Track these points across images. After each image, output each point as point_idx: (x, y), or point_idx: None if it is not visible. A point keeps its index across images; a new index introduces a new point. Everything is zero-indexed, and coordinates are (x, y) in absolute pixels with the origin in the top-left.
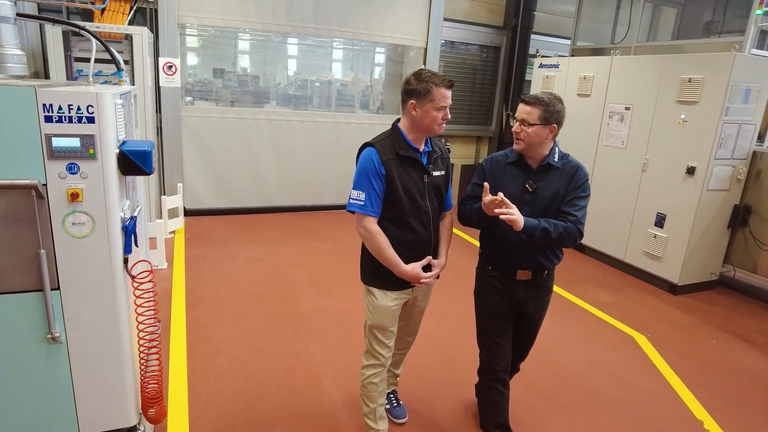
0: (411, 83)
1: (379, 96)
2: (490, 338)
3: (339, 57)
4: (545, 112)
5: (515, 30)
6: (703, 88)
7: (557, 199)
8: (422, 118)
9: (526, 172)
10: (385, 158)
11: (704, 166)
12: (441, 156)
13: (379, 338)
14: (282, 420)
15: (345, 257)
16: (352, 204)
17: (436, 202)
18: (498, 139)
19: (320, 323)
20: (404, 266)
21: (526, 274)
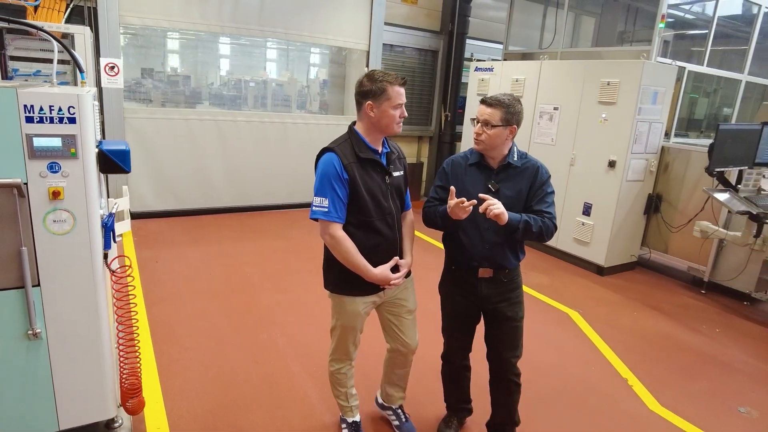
0: (364, 85)
1: (319, 97)
2: (454, 336)
3: (283, 58)
4: (506, 114)
5: (452, 35)
6: (620, 90)
7: (520, 198)
8: (380, 118)
9: (488, 172)
10: (346, 162)
11: (623, 159)
12: (398, 156)
13: (347, 338)
14: (257, 404)
15: (299, 254)
16: (315, 211)
17: (398, 202)
18: (438, 138)
19: (280, 315)
20: (373, 270)
21: (488, 272)
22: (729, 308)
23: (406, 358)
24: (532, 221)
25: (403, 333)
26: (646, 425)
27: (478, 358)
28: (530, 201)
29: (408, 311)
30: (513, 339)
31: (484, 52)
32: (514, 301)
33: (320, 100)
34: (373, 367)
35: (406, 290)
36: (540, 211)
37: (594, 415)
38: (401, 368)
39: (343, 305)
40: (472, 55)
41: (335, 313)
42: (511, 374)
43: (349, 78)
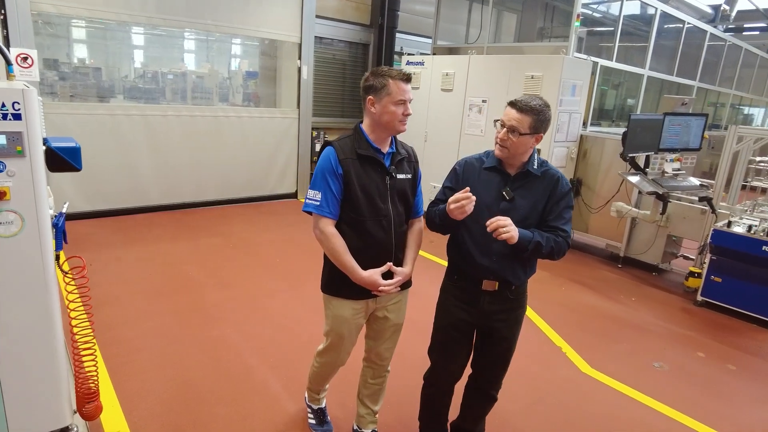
0: (368, 80)
1: (249, 89)
2: (442, 353)
3: (213, 51)
4: (536, 121)
5: (382, 28)
6: (543, 83)
7: (535, 209)
8: (381, 115)
9: (503, 178)
10: (342, 157)
11: (547, 148)
12: (408, 159)
13: (336, 345)
14: (219, 399)
15: (239, 250)
16: (307, 204)
17: (400, 207)
18: None
19: (230, 311)
20: (361, 272)
21: (492, 285)
22: (641, 279)
23: (378, 371)
24: (544, 242)
25: (380, 347)
26: (580, 386)
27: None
28: (547, 215)
29: (393, 324)
30: (506, 359)
31: (413, 46)
32: (514, 321)
33: (252, 92)
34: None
35: (398, 302)
36: (556, 227)
37: (535, 380)
38: (373, 378)
39: (330, 306)
40: (401, 49)
41: (326, 316)
42: (492, 389)
43: (281, 70)
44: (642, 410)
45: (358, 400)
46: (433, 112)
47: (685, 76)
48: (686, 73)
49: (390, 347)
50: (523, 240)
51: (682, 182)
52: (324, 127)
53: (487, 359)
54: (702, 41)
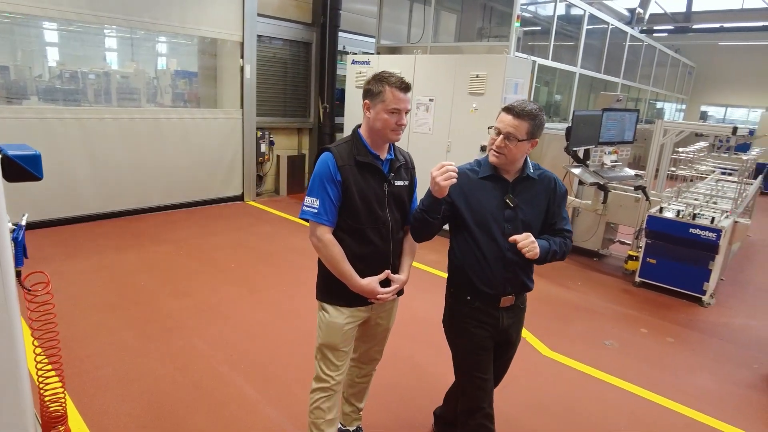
0: (369, 83)
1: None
2: (476, 376)
3: (149, 50)
4: (533, 127)
5: (324, 27)
6: (487, 82)
7: (539, 213)
8: (374, 121)
9: (503, 185)
10: (341, 163)
11: None
12: (405, 165)
13: (330, 359)
14: (195, 409)
15: (192, 257)
16: (305, 211)
17: (397, 214)
18: (318, 130)
19: (191, 320)
20: (360, 280)
21: (510, 300)
22: (585, 265)
23: (366, 371)
24: (558, 248)
25: (374, 349)
26: (542, 367)
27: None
28: (551, 218)
29: (384, 329)
30: (503, 372)
31: (357, 45)
32: (520, 325)
33: (192, 92)
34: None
35: (391, 309)
36: (562, 230)
37: None
38: (360, 377)
39: (324, 314)
40: (344, 48)
41: (318, 327)
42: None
43: (222, 70)
44: (599, 385)
45: (343, 398)
46: None
47: (611, 74)
48: (611, 70)
49: (380, 349)
50: (543, 251)
51: (620, 173)
52: (269, 126)
53: (498, 366)
54: (624, 41)
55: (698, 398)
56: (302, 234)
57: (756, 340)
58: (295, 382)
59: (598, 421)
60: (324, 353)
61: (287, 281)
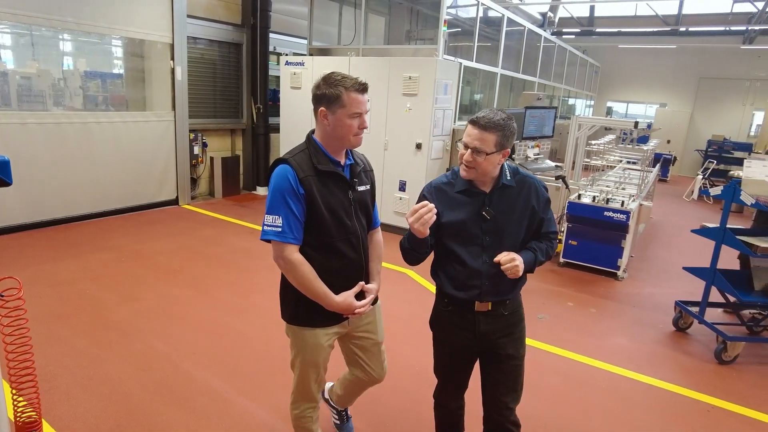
0: (320, 87)
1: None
2: (448, 376)
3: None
4: (502, 138)
5: (254, 28)
6: (420, 84)
7: (520, 223)
8: (335, 128)
9: (479, 197)
10: (302, 175)
11: (427, 141)
12: (364, 169)
13: (312, 377)
14: (167, 407)
15: (134, 263)
16: (266, 231)
17: (364, 221)
18: (252, 131)
19: (145, 323)
20: (334, 298)
21: (485, 306)
22: None
23: (368, 384)
24: (544, 255)
25: (370, 366)
26: None
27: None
28: (535, 226)
29: (375, 343)
30: (513, 380)
31: (287, 46)
32: (516, 336)
33: (118, 95)
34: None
35: (372, 320)
36: (547, 233)
37: None
38: (361, 391)
39: (302, 338)
40: (274, 49)
41: (294, 347)
42: (508, 422)
43: (150, 72)
44: (536, 353)
45: (343, 393)
46: None
47: (528, 74)
48: (528, 70)
49: (380, 367)
50: (528, 265)
51: (542, 164)
52: (201, 128)
53: (495, 382)
54: (538, 43)
55: (617, 356)
56: (245, 236)
57: (661, 306)
58: (261, 372)
59: (536, 383)
60: (301, 371)
61: (238, 281)
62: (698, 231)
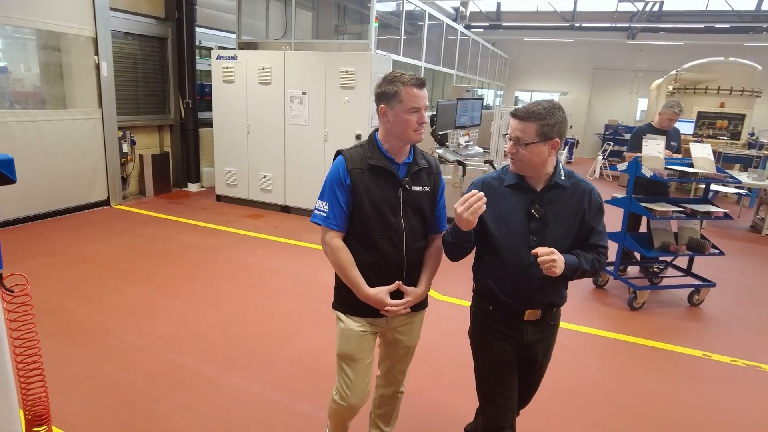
0: (380, 86)
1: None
2: (496, 392)
3: None
4: (542, 126)
5: (180, 22)
6: (356, 77)
7: (570, 226)
8: (395, 124)
9: (529, 195)
10: (351, 167)
11: (366, 132)
12: (428, 170)
13: (347, 372)
14: (159, 393)
15: (81, 265)
16: (315, 215)
17: (415, 222)
18: (180, 126)
19: (113, 321)
20: (367, 289)
21: (536, 314)
22: None
23: (391, 390)
24: (589, 265)
25: (396, 367)
26: (439, 309)
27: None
28: (585, 232)
29: (405, 347)
30: (532, 393)
31: (212, 40)
32: (550, 343)
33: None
34: None
35: (409, 324)
36: (597, 245)
37: None
38: (383, 407)
39: (339, 325)
40: (200, 43)
41: (336, 336)
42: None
43: (71, 67)
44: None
45: (371, 419)
46: (253, 104)
47: (447, 66)
48: (447, 63)
49: (402, 369)
50: (569, 269)
51: (472, 151)
52: (128, 125)
53: (525, 388)
54: (455, 37)
55: None
56: (190, 232)
57: None
58: (245, 353)
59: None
60: (341, 365)
61: (199, 275)
62: (609, 201)
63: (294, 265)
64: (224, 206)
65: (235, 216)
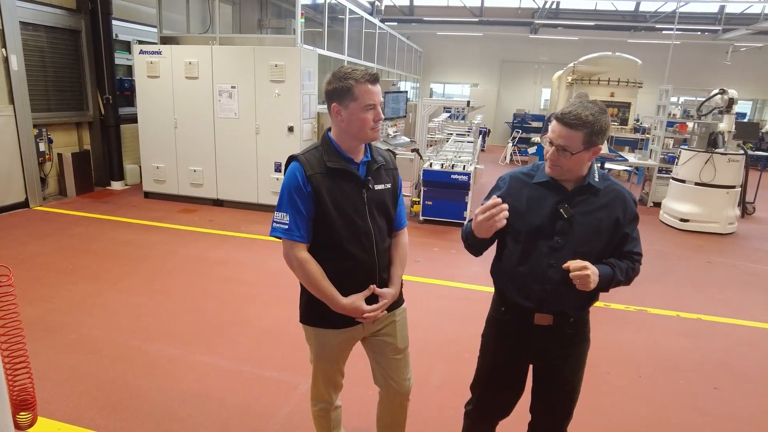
0: (330, 83)
1: None
2: (486, 393)
3: None
4: (591, 134)
5: (95, 14)
6: (286, 71)
7: (600, 231)
8: (350, 123)
9: (559, 194)
10: (310, 172)
11: (298, 124)
12: (385, 166)
13: (320, 374)
14: (133, 376)
15: (17, 267)
16: (275, 228)
17: (381, 221)
18: (100, 123)
19: (67, 317)
20: (342, 300)
21: (546, 319)
22: None
23: (395, 403)
24: (624, 276)
25: (390, 376)
26: None
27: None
28: (619, 240)
29: (394, 350)
30: (568, 406)
31: (130, 33)
32: (577, 359)
33: None
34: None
35: (392, 325)
36: (632, 252)
37: None
38: (390, 416)
39: (313, 337)
40: (117, 36)
41: (308, 343)
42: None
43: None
44: (418, 286)
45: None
46: (180, 99)
47: (369, 60)
48: (368, 56)
49: (403, 377)
50: (604, 281)
51: (400, 140)
52: (44, 123)
53: (547, 405)
54: (374, 31)
55: (474, 278)
56: (123, 230)
57: None
58: (207, 334)
59: (425, 306)
60: (314, 368)
61: (142, 269)
62: None
63: (240, 254)
64: (154, 203)
65: (166, 212)
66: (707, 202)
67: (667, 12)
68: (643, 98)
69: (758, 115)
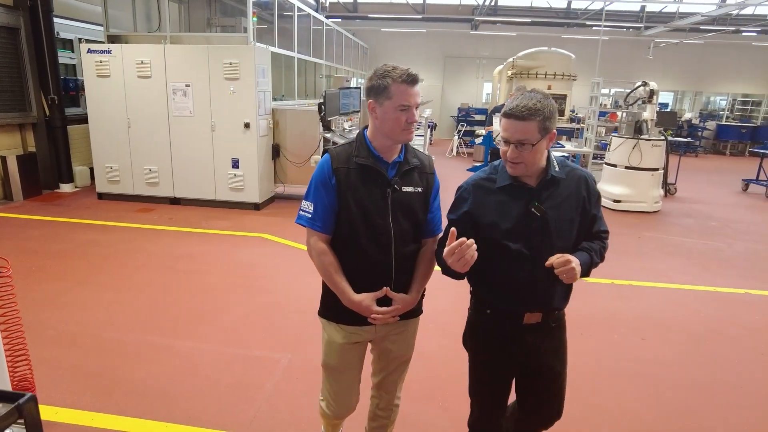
0: (370, 79)
1: None
2: (487, 398)
3: None
4: (544, 121)
5: (35, 11)
6: (241, 68)
7: (572, 220)
8: (383, 121)
9: (526, 193)
10: (336, 165)
11: (254, 121)
12: (420, 170)
13: (331, 382)
14: (116, 364)
15: None
16: (300, 216)
17: (405, 224)
18: (45, 124)
19: (40, 315)
20: (352, 295)
21: (536, 317)
22: None
23: (383, 408)
24: (599, 257)
25: (384, 384)
26: None
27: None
28: (587, 224)
29: (395, 357)
30: (560, 399)
31: (71, 32)
32: (561, 349)
33: None
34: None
35: (401, 333)
36: (599, 232)
37: None
38: (381, 410)
39: (324, 333)
40: (58, 34)
41: (322, 345)
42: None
43: None
44: None
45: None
46: (133, 98)
47: (317, 56)
48: (316, 53)
49: (395, 380)
50: (585, 268)
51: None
52: None
53: (541, 401)
54: (322, 27)
55: None
56: (84, 230)
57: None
58: (185, 323)
59: None
60: (326, 376)
61: (108, 266)
62: (470, 169)
63: (204, 249)
64: (109, 203)
65: (124, 212)
66: (636, 183)
67: (596, 9)
68: (578, 90)
69: (679, 105)
